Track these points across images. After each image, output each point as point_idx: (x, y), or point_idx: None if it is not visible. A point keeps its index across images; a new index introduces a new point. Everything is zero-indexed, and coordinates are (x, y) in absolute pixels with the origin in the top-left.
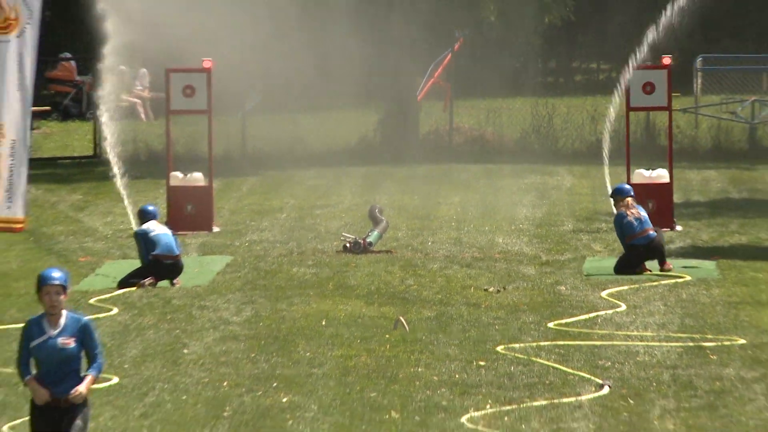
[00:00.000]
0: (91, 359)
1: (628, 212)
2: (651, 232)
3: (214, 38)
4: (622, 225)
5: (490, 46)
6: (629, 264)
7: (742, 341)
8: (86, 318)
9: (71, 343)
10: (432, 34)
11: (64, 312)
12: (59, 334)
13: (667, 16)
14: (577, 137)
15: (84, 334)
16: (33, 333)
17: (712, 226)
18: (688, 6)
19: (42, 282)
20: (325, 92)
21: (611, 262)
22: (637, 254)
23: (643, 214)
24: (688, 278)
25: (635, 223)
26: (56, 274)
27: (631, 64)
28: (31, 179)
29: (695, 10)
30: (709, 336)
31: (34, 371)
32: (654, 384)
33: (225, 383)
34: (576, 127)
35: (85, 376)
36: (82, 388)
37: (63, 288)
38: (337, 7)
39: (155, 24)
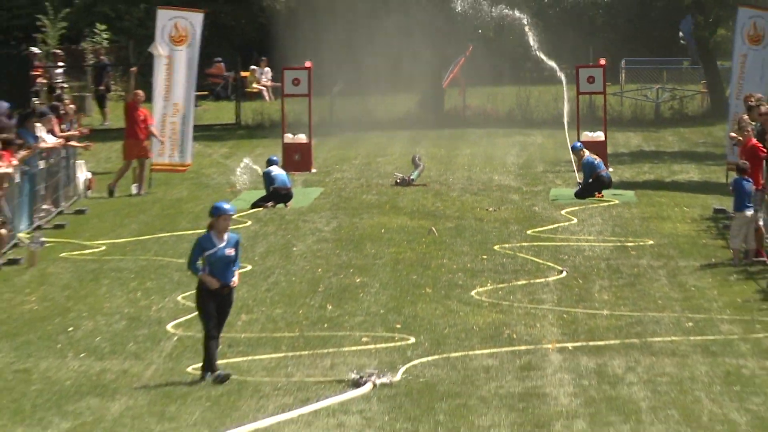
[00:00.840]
0: (236, 260)
1: (593, 157)
2: (607, 170)
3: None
4: (592, 165)
5: (490, 52)
6: (590, 190)
7: (651, 242)
8: (239, 236)
9: (232, 252)
10: (453, 44)
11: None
12: (225, 247)
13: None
14: (545, 111)
15: (237, 246)
16: (206, 245)
17: (632, 168)
18: (616, 27)
19: (221, 212)
20: (384, 81)
21: (568, 191)
22: (601, 183)
23: (600, 159)
24: (617, 202)
25: (599, 164)
26: (228, 206)
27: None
28: (195, 138)
29: (621, 30)
30: (630, 239)
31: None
32: (595, 270)
33: (319, 269)
34: (544, 105)
35: (235, 270)
36: (236, 278)
37: (231, 217)
38: (392, 28)
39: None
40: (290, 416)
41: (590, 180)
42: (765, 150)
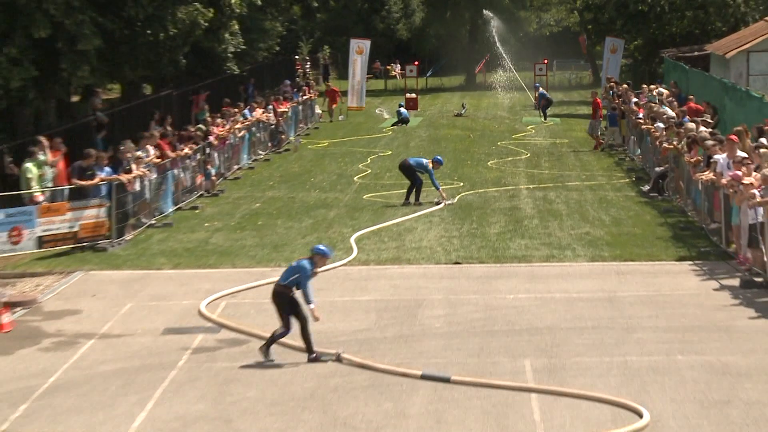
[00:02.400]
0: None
1: (543, 90)
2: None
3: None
4: (544, 94)
5: (495, 57)
6: (545, 107)
7: (567, 141)
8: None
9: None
10: (479, 53)
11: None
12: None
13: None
14: (521, 83)
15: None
16: (436, 167)
17: (554, 110)
18: (552, 45)
19: (441, 163)
20: (449, 69)
21: (533, 118)
22: (549, 103)
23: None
24: (552, 123)
25: (547, 95)
26: (442, 159)
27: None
28: (366, 95)
29: (553, 46)
30: (557, 139)
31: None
32: (541, 153)
33: (420, 153)
34: (519, 80)
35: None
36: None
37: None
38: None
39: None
40: (406, 218)
41: (543, 103)
42: (600, 104)
